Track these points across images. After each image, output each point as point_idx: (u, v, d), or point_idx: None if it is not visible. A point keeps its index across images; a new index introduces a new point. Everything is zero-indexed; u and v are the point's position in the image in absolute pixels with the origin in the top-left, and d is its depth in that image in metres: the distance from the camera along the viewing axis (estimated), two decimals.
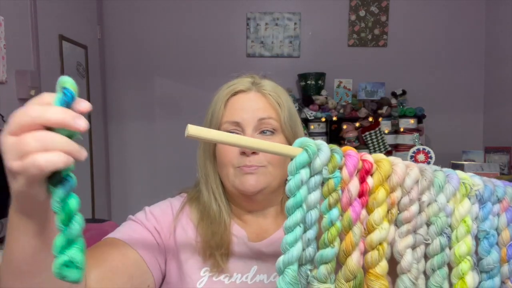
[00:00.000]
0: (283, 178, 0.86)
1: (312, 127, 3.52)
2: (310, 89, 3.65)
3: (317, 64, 3.78)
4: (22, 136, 0.43)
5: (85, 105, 0.46)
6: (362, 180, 0.55)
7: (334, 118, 3.54)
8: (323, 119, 3.51)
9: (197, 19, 3.78)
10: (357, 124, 3.56)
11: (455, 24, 3.86)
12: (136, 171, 3.85)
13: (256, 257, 0.86)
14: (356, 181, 0.55)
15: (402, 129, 3.57)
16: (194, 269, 0.84)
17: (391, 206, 0.56)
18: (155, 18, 3.77)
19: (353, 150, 0.56)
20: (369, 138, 3.51)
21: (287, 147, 0.55)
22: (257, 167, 0.82)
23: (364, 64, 3.85)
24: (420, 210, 0.57)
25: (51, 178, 0.46)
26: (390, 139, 3.56)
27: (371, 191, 0.56)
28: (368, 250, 0.56)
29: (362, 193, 0.55)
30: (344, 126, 3.60)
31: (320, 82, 3.67)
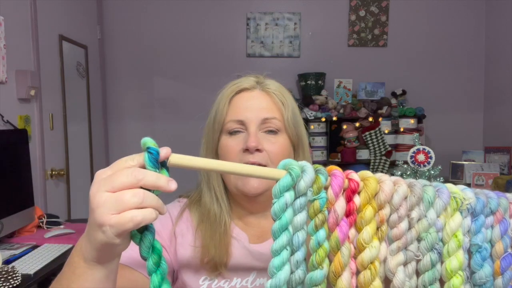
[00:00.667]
0: None
1: (312, 127, 3.53)
2: (310, 89, 3.65)
3: (317, 64, 3.78)
4: (121, 193, 0.47)
5: (167, 152, 0.51)
6: (349, 200, 0.55)
7: (334, 118, 3.54)
8: (323, 119, 3.51)
9: (197, 19, 3.78)
10: (357, 124, 3.57)
11: (455, 24, 3.87)
12: None
13: (257, 260, 0.85)
14: (342, 201, 0.54)
15: (402, 129, 3.58)
16: (193, 278, 0.84)
17: (381, 224, 0.56)
18: (155, 18, 3.77)
19: (339, 170, 0.55)
20: (369, 138, 3.51)
21: (271, 170, 0.55)
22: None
23: (364, 64, 3.85)
24: (410, 227, 0.56)
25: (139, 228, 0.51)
26: (390, 139, 3.56)
27: (359, 210, 0.55)
28: (361, 270, 0.55)
29: (350, 213, 0.54)
30: (344, 126, 3.60)
31: (320, 82, 3.67)
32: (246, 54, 3.83)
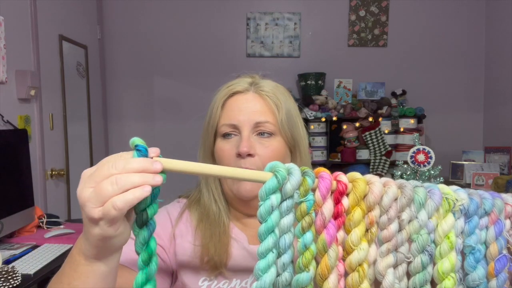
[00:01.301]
0: None
1: (312, 127, 3.53)
2: (310, 89, 3.65)
3: (317, 64, 3.78)
4: (99, 185, 0.48)
5: (156, 151, 0.53)
6: (337, 202, 0.54)
7: (334, 118, 3.54)
8: (323, 119, 3.51)
9: (197, 19, 3.78)
10: (357, 124, 3.57)
11: (455, 24, 3.87)
12: None
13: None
14: (330, 203, 0.54)
15: (402, 129, 3.58)
16: (193, 279, 0.83)
17: (370, 226, 0.55)
18: (155, 18, 3.77)
19: (326, 172, 0.55)
20: (369, 138, 3.51)
21: (258, 173, 0.54)
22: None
23: (364, 64, 3.85)
24: (401, 228, 0.55)
25: (138, 221, 0.52)
26: (390, 139, 3.56)
27: (348, 212, 0.55)
28: (349, 272, 0.55)
29: (338, 215, 0.54)
30: (344, 126, 3.60)
31: (320, 82, 3.67)
32: (246, 54, 3.83)
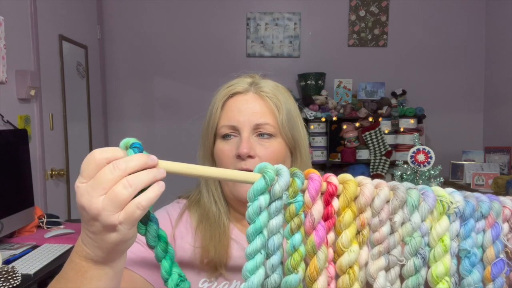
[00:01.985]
0: None
1: (312, 127, 3.53)
2: (310, 89, 3.65)
3: (317, 64, 3.78)
4: (112, 190, 0.47)
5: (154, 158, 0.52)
6: (327, 203, 0.54)
7: (334, 118, 3.54)
8: (323, 119, 3.51)
9: (197, 19, 3.78)
10: (357, 124, 3.57)
11: (455, 24, 3.87)
12: None
13: None
14: (319, 205, 0.53)
15: (402, 129, 3.58)
16: (193, 280, 0.83)
17: (362, 228, 0.54)
18: (155, 18, 3.77)
19: (316, 173, 0.54)
20: (369, 138, 3.52)
21: (247, 174, 0.54)
22: None
23: (364, 64, 3.85)
24: (393, 231, 0.55)
25: (142, 218, 0.52)
26: (390, 139, 3.56)
27: (338, 213, 0.54)
28: (339, 274, 0.54)
29: (328, 216, 0.54)
30: (344, 126, 3.60)
31: (320, 82, 3.67)
32: (246, 54, 3.83)
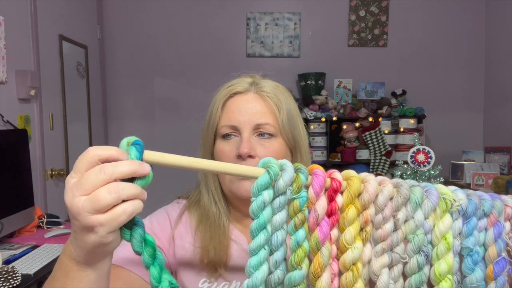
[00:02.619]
0: None
1: (312, 127, 3.53)
2: (310, 89, 3.65)
3: (317, 64, 3.78)
4: (95, 193, 0.47)
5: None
6: (331, 199, 0.53)
7: (334, 118, 3.54)
8: (323, 119, 3.51)
9: (197, 19, 3.78)
10: (357, 124, 3.57)
11: (455, 24, 3.87)
12: None
13: None
14: (323, 201, 0.53)
15: (402, 129, 3.58)
16: (193, 280, 0.83)
17: (365, 224, 0.54)
18: (155, 18, 3.77)
19: (320, 169, 0.54)
20: (369, 138, 3.52)
21: (250, 169, 0.53)
22: None
23: (364, 64, 3.85)
24: (396, 228, 0.54)
25: (127, 223, 0.50)
26: (390, 139, 3.56)
27: (342, 210, 0.54)
28: (343, 271, 0.54)
29: (331, 212, 0.53)
30: (344, 126, 3.60)
31: (320, 82, 3.67)
32: (246, 54, 3.83)
